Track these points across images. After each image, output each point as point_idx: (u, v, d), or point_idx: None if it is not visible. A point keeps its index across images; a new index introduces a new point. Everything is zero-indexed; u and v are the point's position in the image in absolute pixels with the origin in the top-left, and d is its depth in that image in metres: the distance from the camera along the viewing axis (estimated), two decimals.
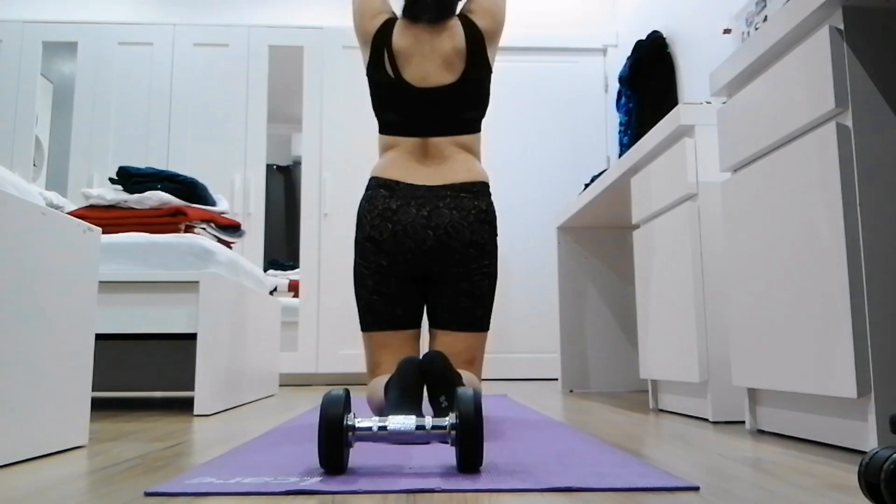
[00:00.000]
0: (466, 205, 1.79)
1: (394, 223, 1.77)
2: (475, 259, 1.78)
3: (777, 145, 1.52)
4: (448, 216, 1.77)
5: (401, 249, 1.77)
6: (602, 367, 3.36)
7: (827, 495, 0.92)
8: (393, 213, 1.78)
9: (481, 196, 1.82)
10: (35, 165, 4.21)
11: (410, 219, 1.76)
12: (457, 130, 1.85)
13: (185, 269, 2.21)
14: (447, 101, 1.84)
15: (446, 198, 1.79)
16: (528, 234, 4.44)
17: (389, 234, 1.77)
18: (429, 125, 1.84)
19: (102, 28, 4.28)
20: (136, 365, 3.03)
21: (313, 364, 4.03)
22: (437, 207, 1.77)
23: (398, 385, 1.46)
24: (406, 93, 1.84)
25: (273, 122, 4.60)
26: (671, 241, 2.11)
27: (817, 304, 1.35)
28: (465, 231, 1.77)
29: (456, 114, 1.85)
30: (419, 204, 1.78)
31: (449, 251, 1.76)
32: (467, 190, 1.80)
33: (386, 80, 1.87)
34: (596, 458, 1.18)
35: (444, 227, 1.76)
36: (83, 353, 1.44)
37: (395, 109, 1.86)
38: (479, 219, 1.79)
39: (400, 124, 1.86)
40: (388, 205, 1.78)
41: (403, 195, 1.79)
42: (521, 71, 4.62)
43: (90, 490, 0.97)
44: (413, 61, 1.86)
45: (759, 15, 2.38)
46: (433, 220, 1.76)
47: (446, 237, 1.76)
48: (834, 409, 1.38)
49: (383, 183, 1.82)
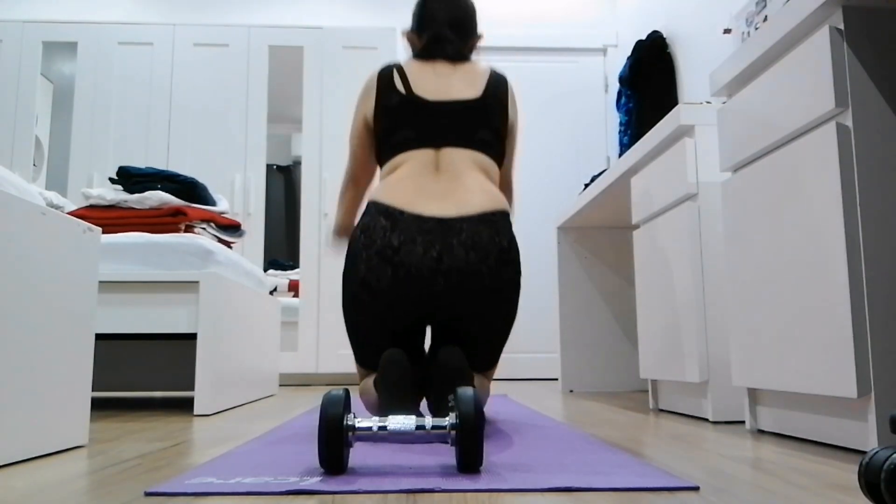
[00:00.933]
0: (485, 242, 1.49)
1: (395, 266, 1.47)
2: (495, 306, 1.52)
3: (777, 145, 1.52)
4: (464, 258, 1.47)
5: (403, 298, 1.48)
6: (602, 367, 3.36)
7: (827, 495, 0.92)
8: (394, 252, 1.47)
9: (502, 230, 1.53)
10: (35, 165, 4.21)
11: (416, 260, 1.46)
12: (473, 145, 1.62)
13: (185, 269, 2.21)
14: (464, 115, 1.64)
15: (461, 233, 1.48)
16: (528, 234, 4.44)
17: (389, 280, 1.47)
18: (443, 135, 1.62)
19: (102, 28, 4.28)
20: (136, 365, 3.03)
21: (313, 364, 4.03)
22: (451, 246, 1.47)
23: (385, 384, 1.45)
24: (419, 106, 1.65)
25: (273, 122, 4.60)
26: (671, 241, 2.11)
27: (817, 304, 1.35)
28: (485, 277, 1.48)
29: (472, 129, 1.64)
30: (427, 241, 1.47)
31: (465, 300, 1.49)
32: (486, 221, 1.51)
33: (396, 99, 1.66)
34: (596, 458, 1.18)
35: (459, 273, 1.47)
36: (83, 353, 1.44)
37: (407, 125, 1.64)
38: (500, 259, 1.50)
39: (411, 138, 1.62)
40: (388, 240, 1.48)
41: (408, 228, 1.48)
42: (521, 71, 4.62)
43: (90, 490, 0.97)
44: (427, 79, 1.70)
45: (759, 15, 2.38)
46: (445, 262, 1.47)
47: (461, 284, 1.47)
48: (834, 409, 1.38)
49: (384, 210, 1.52)
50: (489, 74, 1.74)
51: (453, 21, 1.79)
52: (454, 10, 1.80)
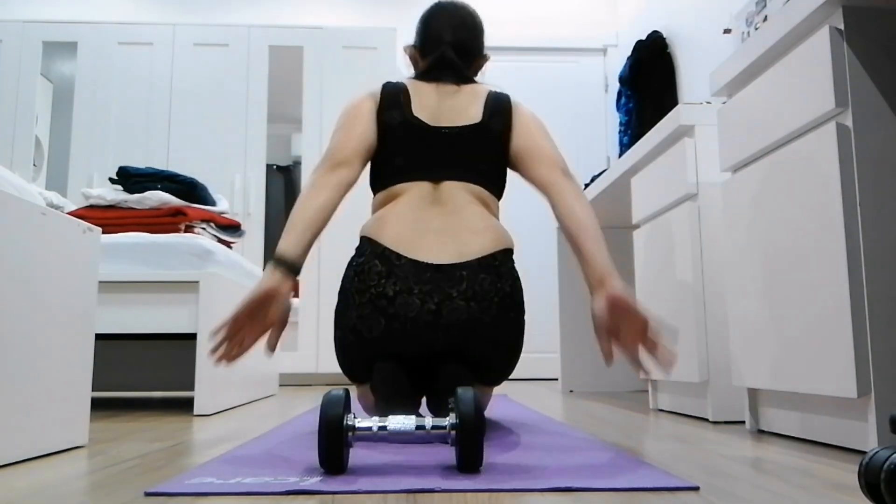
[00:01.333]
0: (487, 290, 1.43)
1: (389, 318, 1.41)
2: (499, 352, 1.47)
3: (777, 145, 1.52)
4: (465, 311, 1.41)
5: (397, 350, 1.44)
6: (602, 367, 3.36)
7: (827, 495, 0.92)
8: (389, 303, 1.41)
9: (504, 274, 1.47)
10: (35, 165, 4.21)
11: (413, 313, 1.40)
12: (472, 178, 1.55)
13: (185, 269, 2.21)
14: (463, 143, 1.57)
15: (461, 282, 1.42)
16: (528, 234, 4.44)
17: (381, 331, 1.42)
18: (441, 166, 1.54)
19: (102, 28, 4.28)
20: (136, 365, 3.03)
21: (313, 364, 4.03)
22: (450, 298, 1.41)
23: (381, 388, 1.45)
24: (416, 130, 1.57)
25: (273, 122, 4.60)
26: (671, 241, 2.11)
27: (817, 305, 1.35)
28: (488, 329, 1.43)
29: (472, 159, 1.56)
30: (425, 292, 1.41)
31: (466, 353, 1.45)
32: (487, 267, 1.45)
33: (396, 121, 1.58)
34: (596, 458, 1.18)
35: (460, 327, 1.41)
36: (83, 353, 1.44)
37: (403, 153, 1.56)
38: (503, 306, 1.45)
39: (407, 167, 1.55)
40: (383, 289, 1.41)
41: (404, 277, 1.41)
42: (521, 71, 4.62)
43: (90, 490, 0.97)
44: (429, 101, 1.61)
45: (759, 15, 2.38)
46: (444, 316, 1.40)
47: (462, 339, 1.42)
48: (834, 409, 1.38)
49: (380, 253, 1.45)
50: (487, 96, 1.65)
51: (458, 44, 1.70)
52: (460, 33, 1.71)
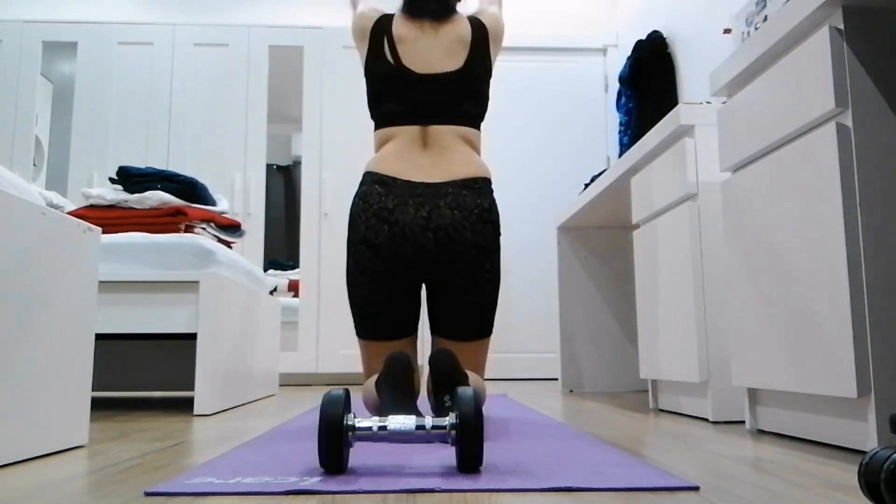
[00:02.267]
0: (468, 203, 1.69)
1: (391, 224, 1.66)
2: (478, 262, 1.69)
3: (777, 145, 1.52)
4: (449, 216, 1.67)
5: (399, 254, 1.67)
6: (602, 367, 3.36)
7: (827, 495, 0.92)
8: (389, 213, 1.67)
9: (483, 193, 1.72)
10: (35, 165, 4.21)
11: (409, 219, 1.66)
12: (457, 120, 1.77)
13: (185, 269, 2.21)
14: (448, 89, 1.78)
15: (447, 195, 1.69)
16: (528, 234, 4.44)
17: (386, 237, 1.66)
18: (429, 112, 1.76)
19: (102, 28, 4.28)
20: (136, 365, 3.03)
21: (313, 364, 4.03)
22: (438, 206, 1.67)
23: (388, 384, 1.46)
24: (406, 79, 1.77)
25: (273, 122, 4.60)
26: (671, 241, 2.11)
27: (817, 305, 1.35)
28: (468, 233, 1.67)
29: (456, 103, 1.78)
30: (418, 203, 1.67)
31: (451, 255, 1.67)
32: (469, 186, 1.71)
33: (385, 68, 1.79)
34: (596, 458, 1.18)
35: (446, 229, 1.66)
36: (83, 353, 1.44)
37: (395, 98, 1.78)
38: (481, 218, 1.69)
39: (399, 113, 1.77)
40: (384, 203, 1.67)
41: (401, 192, 1.68)
42: (521, 71, 4.62)
43: (90, 490, 0.97)
44: (414, 49, 1.80)
45: (759, 15, 2.38)
46: (433, 220, 1.66)
47: (447, 239, 1.66)
48: (834, 409, 1.38)
49: (379, 178, 1.71)
50: (470, 32, 1.83)
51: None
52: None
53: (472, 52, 1.81)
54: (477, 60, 1.81)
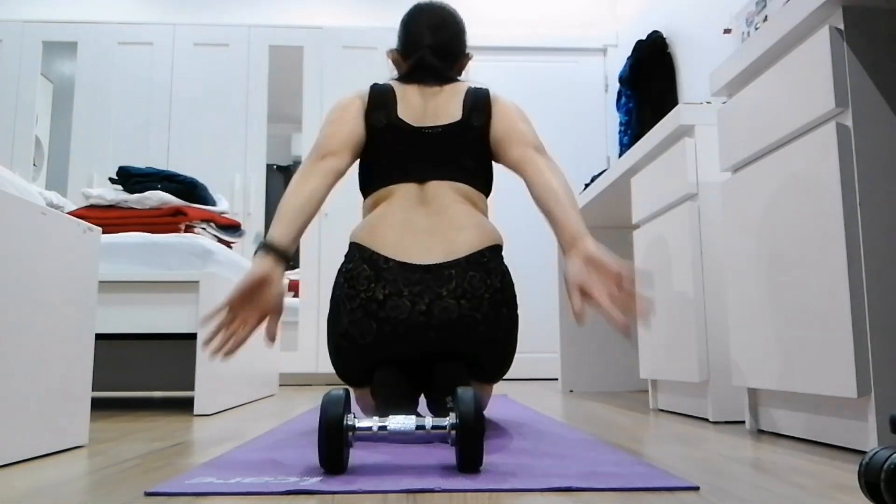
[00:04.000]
0: (477, 287, 1.43)
1: (380, 322, 1.41)
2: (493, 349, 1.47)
3: (777, 145, 1.52)
4: (455, 309, 1.41)
5: (391, 353, 1.44)
6: (602, 367, 3.36)
7: (827, 495, 0.92)
8: (379, 307, 1.41)
9: (493, 269, 1.46)
10: (35, 165, 4.21)
11: (404, 315, 1.40)
12: (457, 176, 1.56)
13: (185, 269, 2.21)
14: (446, 140, 1.58)
15: (450, 281, 1.42)
16: (528, 234, 4.44)
17: (374, 336, 1.42)
18: (426, 167, 1.56)
19: (102, 28, 4.28)
20: (136, 365, 3.03)
21: (313, 364, 4.03)
22: (440, 297, 1.41)
23: (383, 392, 1.45)
24: (401, 132, 1.59)
25: (273, 122, 4.60)
26: (671, 241, 2.11)
27: (817, 305, 1.35)
28: (480, 326, 1.43)
29: (454, 157, 1.58)
30: (415, 293, 1.41)
31: (459, 351, 1.45)
32: (476, 264, 1.45)
33: (381, 124, 1.60)
34: (596, 458, 1.18)
35: (451, 326, 1.41)
36: (83, 353, 1.44)
37: (388, 155, 1.58)
38: (494, 302, 1.44)
39: (393, 170, 1.57)
40: (372, 293, 1.41)
41: (393, 280, 1.42)
42: (521, 71, 4.62)
43: (90, 490, 0.97)
44: (410, 104, 1.63)
45: (759, 15, 2.38)
46: (435, 316, 1.40)
47: (455, 338, 1.42)
48: (834, 409, 1.38)
49: (368, 257, 1.45)
50: (466, 93, 1.65)
51: (438, 46, 1.69)
52: (439, 35, 1.71)
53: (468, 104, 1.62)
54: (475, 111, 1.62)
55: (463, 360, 1.48)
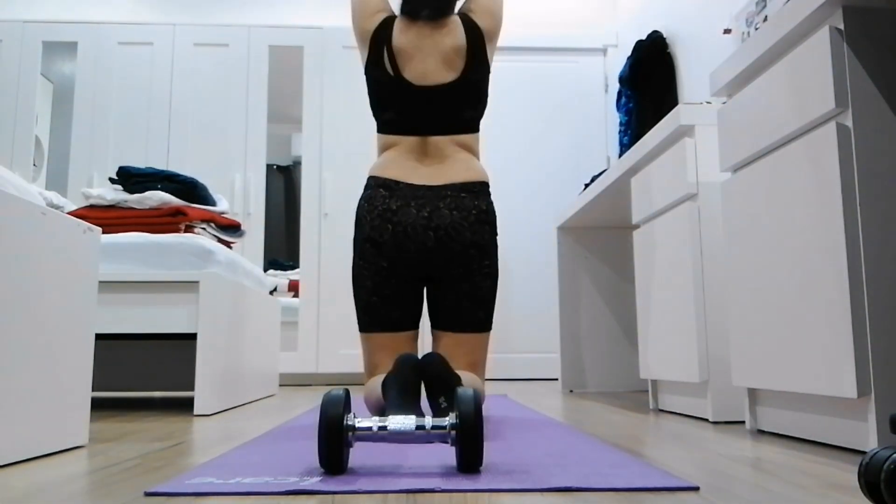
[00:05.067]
0: (467, 205, 1.78)
1: (394, 224, 1.76)
2: (476, 260, 1.78)
3: (777, 145, 1.52)
4: (449, 217, 1.76)
5: (402, 250, 1.76)
6: (602, 367, 3.36)
7: (827, 495, 0.92)
8: (393, 214, 1.77)
9: (481, 196, 1.81)
10: (35, 165, 4.21)
11: (411, 219, 1.76)
12: (456, 129, 1.85)
13: (185, 269, 2.21)
14: (446, 99, 1.84)
15: (446, 198, 1.78)
16: (528, 234, 4.44)
17: (390, 235, 1.76)
18: (428, 124, 1.84)
19: (102, 28, 4.28)
20: (136, 365, 3.03)
21: (313, 364, 4.03)
22: (438, 208, 1.77)
23: (396, 383, 1.46)
24: (405, 91, 1.83)
25: (273, 122, 4.60)
26: (671, 241, 2.11)
27: (817, 304, 1.35)
28: (466, 232, 1.76)
29: (455, 112, 1.85)
30: (419, 204, 1.77)
31: (450, 252, 1.76)
32: (467, 190, 1.80)
33: (385, 78, 1.85)
34: (596, 458, 1.18)
35: (445, 228, 1.75)
36: (83, 353, 1.44)
37: (395, 108, 1.85)
38: (479, 219, 1.79)
39: (399, 123, 1.85)
40: (387, 205, 1.77)
41: (403, 195, 1.78)
42: (521, 71, 4.62)
43: (90, 490, 0.97)
44: (413, 59, 1.85)
45: (759, 15, 2.38)
46: (434, 220, 1.76)
47: (447, 238, 1.75)
48: (834, 409, 1.38)
49: (382, 182, 1.81)
50: (465, 39, 1.86)
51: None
52: None
53: (469, 59, 1.85)
54: (474, 66, 1.86)
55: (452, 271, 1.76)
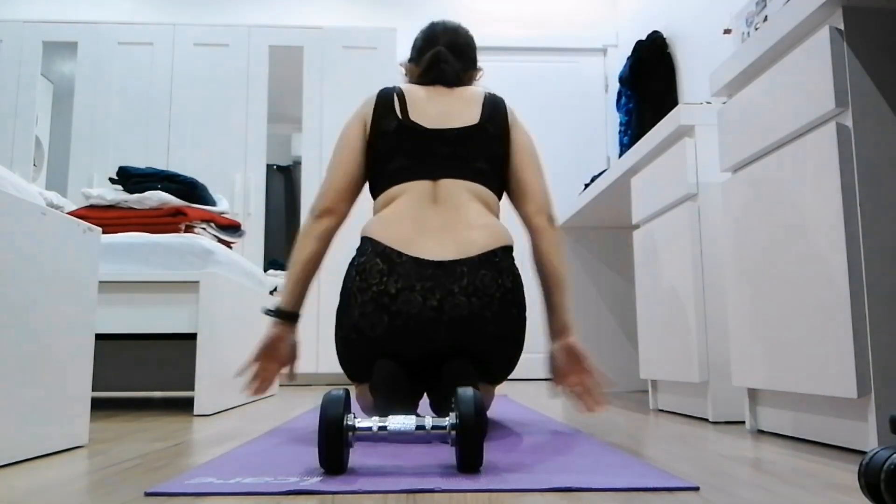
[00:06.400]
0: (488, 286, 1.44)
1: (392, 315, 1.41)
2: (501, 348, 1.48)
3: (777, 145, 1.52)
4: (466, 307, 1.42)
5: (400, 348, 1.44)
6: (602, 367, 3.36)
7: (827, 495, 0.92)
8: (391, 301, 1.41)
9: (504, 269, 1.48)
10: (35, 165, 4.21)
11: (415, 310, 1.41)
12: (471, 176, 1.57)
13: (185, 269, 2.21)
14: (462, 142, 1.60)
15: (462, 278, 1.43)
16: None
17: (385, 329, 1.42)
18: (440, 166, 1.57)
19: (102, 28, 4.28)
20: (136, 365, 3.03)
21: (313, 364, 4.03)
22: (451, 294, 1.42)
23: (383, 390, 1.45)
24: (416, 133, 1.59)
25: (273, 122, 4.60)
26: (671, 241, 2.11)
27: (817, 304, 1.35)
28: (489, 325, 1.44)
29: (470, 159, 1.59)
30: (427, 289, 1.42)
31: (468, 349, 1.45)
32: (487, 263, 1.46)
33: (393, 124, 1.61)
34: (596, 458, 1.18)
35: (462, 321, 1.42)
36: (83, 353, 1.44)
37: (403, 153, 1.59)
38: (504, 301, 1.45)
39: (407, 167, 1.57)
40: (384, 287, 1.42)
41: (406, 274, 1.42)
42: (521, 71, 4.62)
43: (90, 490, 0.97)
44: (425, 105, 1.64)
45: (759, 15, 2.38)
46: (446, 312, 1.41)
47: (465, 334, 1.43)
48: (834, 409, 1.38)
49: (381, 251, 1.46)
50: (484, 98, 1.68)
51: (453, 46, 1.76)
52: (455, 38, 1.78)
53: (486, 110, 1.65)
54: (492, 120, 1.65)
55: (470, 358, 1.48)
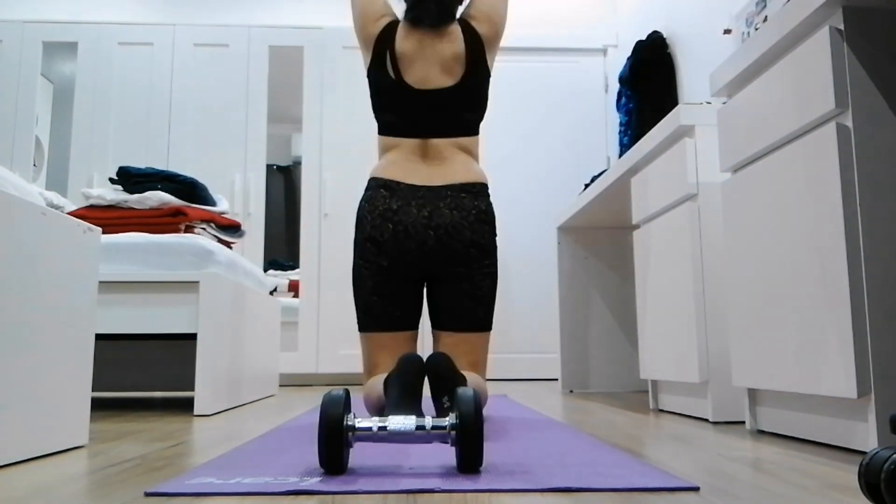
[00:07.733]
0: (466, 205, 1.80)
1: (395, 223, 1.78)
2: (476, 259, 1.80)
3: (777, 145, 1.52)
4: (449, 216, 1.78)
5: (402, 250, 1.78)
6: (602, 367, 3.36)
7: (827, 495, 0.92)
8: (394, 214, 1.79)
9: (480, 196, 1.84)
10: (35, 165, 4.21)
11: (411, 219, 1.78)
12: (456, 132, 1.88)
13: (185, 269, 2.21)
14: (446, 103, 1.87)
15: (447, 198, 1.80)
16: (528, 234, 4.44)
17: (391, 235, 1.78)
18: (428, 127, 1.86)
19: (102, 28, 4.28)
20: (136, 365, 3.03)
21: (313, 364, 4.03)
22: (438, 207, 1.79)
23: (398, 382, 1.46)
24: (407, 95, 1.87)
25: (273, 122, 4.60)
26: (671, 241, 2.11)
27: (817, 304, 1.35)
28: (466, 231, 1.79)
29: (455, 116, 1.88)
30: (420, 204, 1.79)
31: (450, 251, 1.78)
32: (467, 190, 1.82)
33: (387, 82, 1.89)
34: (596, 458, 1.18)
35: (445, 227, 1.78)
36: (83, 353, 1.44)
37: (396, 111, 1.88)
38: (479, 219, 1.81)
39: (400, 126, 1.88)
40: (388, 205, 1.80)
41: (404, 195, 1.80)
42: (521, 71, 4.62)
43: (90, 490, 0.97)
44: (415, 64, 1.88)
45: (759, 15, 2.38)
46: (434, 220, 1.78)
47: (447, 237, 1.78)
48: (834, 409, 1.38)
49: (384, 183, 1.83)
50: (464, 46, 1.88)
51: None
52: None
53: (469, 66, 1.88)
54: (473, 72, 1.89)
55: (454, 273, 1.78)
